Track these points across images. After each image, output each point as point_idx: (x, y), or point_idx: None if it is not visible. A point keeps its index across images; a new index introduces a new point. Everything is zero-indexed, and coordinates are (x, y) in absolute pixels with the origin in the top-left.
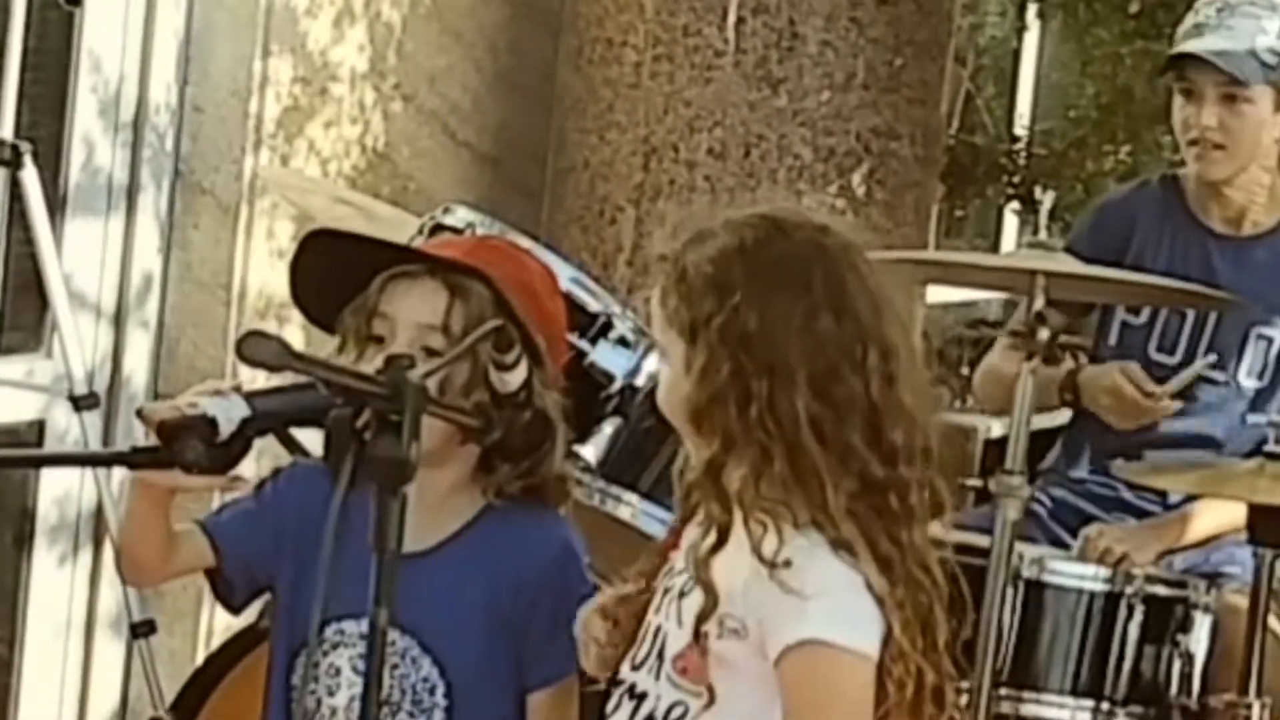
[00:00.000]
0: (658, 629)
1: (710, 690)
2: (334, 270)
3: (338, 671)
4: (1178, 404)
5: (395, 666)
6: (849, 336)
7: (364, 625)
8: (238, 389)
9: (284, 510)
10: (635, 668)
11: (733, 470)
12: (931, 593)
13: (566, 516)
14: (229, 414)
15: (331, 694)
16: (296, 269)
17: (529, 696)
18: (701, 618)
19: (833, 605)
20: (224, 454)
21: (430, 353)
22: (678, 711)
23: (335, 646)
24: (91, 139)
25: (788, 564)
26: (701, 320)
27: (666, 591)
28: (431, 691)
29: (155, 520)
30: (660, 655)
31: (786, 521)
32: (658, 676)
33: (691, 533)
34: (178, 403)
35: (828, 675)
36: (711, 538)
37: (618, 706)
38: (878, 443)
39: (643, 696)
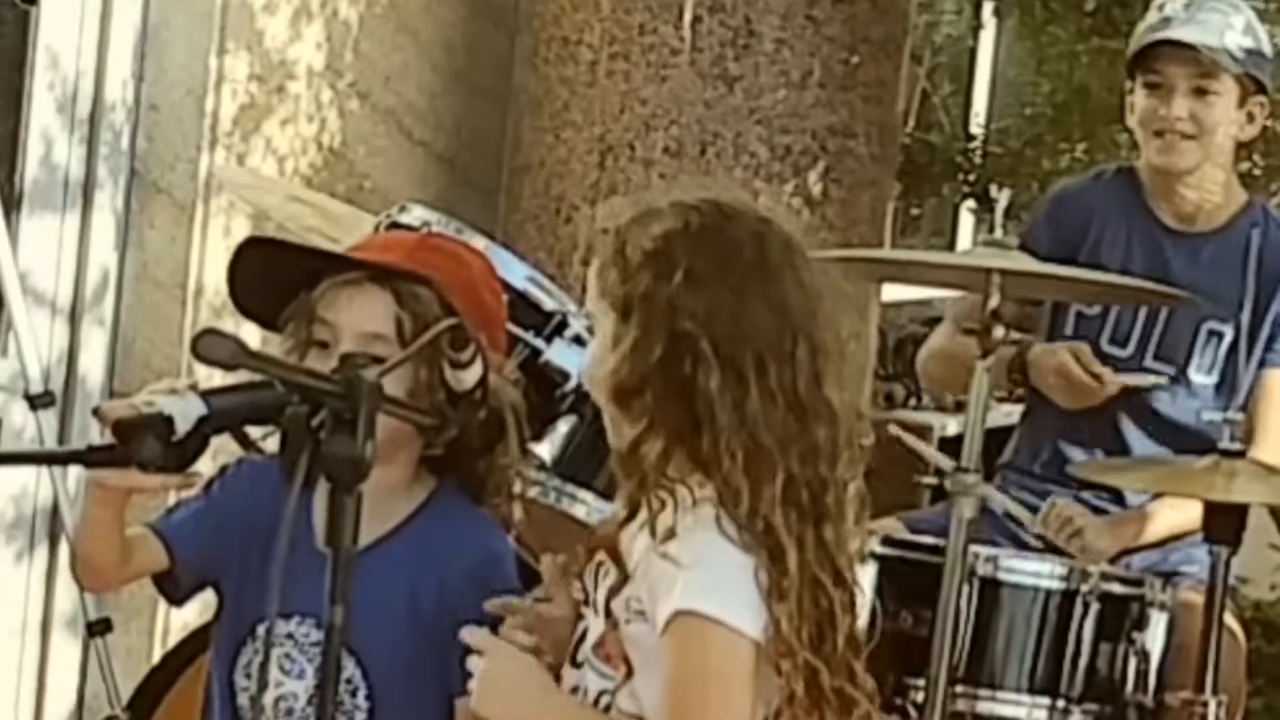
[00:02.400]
0: (584, 623)
1: (627, 663)
2: (275, 270)
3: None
4: (1119, 381)
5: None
6: (780, 328)
7: (291, 625)
8: (193, 387)
9: (232, 507)
10: (576, 666)
11: (649, 447)
12: (833, 595)
13: (508, 515)
14: (185, 412)
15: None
16: (235, 269)
17: (457, 701)
18: (611, 593)
19: (707, 577)
20: (180, 453)
21: (376, 361)
22: (605, 700)
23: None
24: (49, 135)
25: (671, 535)
26: (637, 296)
27: (597, 588)
28: (354, 693)
29: (111, 524)
30: (585, 648)
31: (685, 499)
32: (584, 667)
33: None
34: (134, 401)
35: (699, 647)
36: (622, 512)
37: None
38: (799, 438)
39: (573, 690)
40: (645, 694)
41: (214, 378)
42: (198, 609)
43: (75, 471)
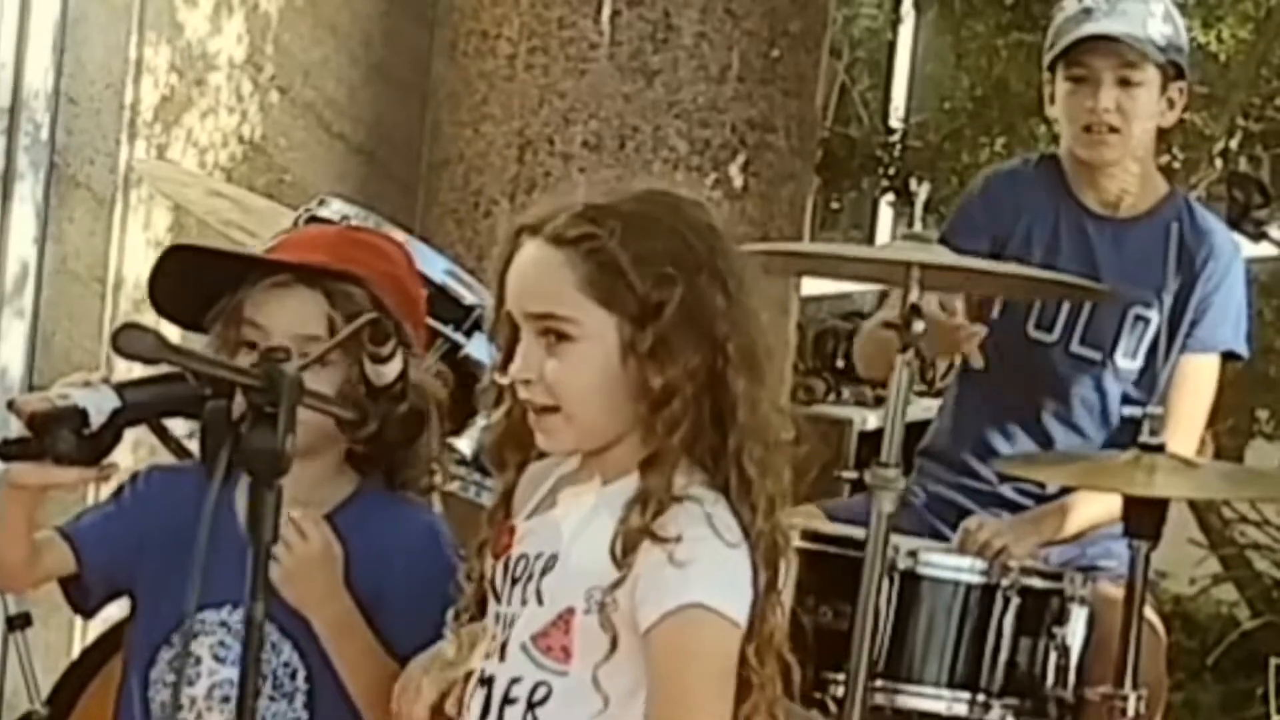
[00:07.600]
0: (498, 617)
1: (566, 654)
2: (197, 273)
3: (198, 660)
4: (983, 329)
5: None
6: (758, 314)
7: (223, 613)
8: (106, 380)
9: (145, 513)
10: (487, 657)
11: (669, 454)
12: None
13: (432, 505)
14: (99, 405)
15: (191, 683)
16: (157, 276)
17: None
18: (612, 588)
19: (711, 572)
20: (94, 445)
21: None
22: (541, 692)
23: (194, 636)
24: None
25: (679, 539)
26: (670, 302)
27: (516, 581)
28: (293, 676)
29: (23, 523)
30: (517, 639)
31: (675, 496)
32: (518, 658)
33: (523, 526)
34: (49, 394)
35: (702, 639)
36: (647, 515)
37: (472, 696)
38: (783, 421)
39: (493, 680)
40: (599, 693)
41: (133, 371)
42: (119, 604)
43: None
